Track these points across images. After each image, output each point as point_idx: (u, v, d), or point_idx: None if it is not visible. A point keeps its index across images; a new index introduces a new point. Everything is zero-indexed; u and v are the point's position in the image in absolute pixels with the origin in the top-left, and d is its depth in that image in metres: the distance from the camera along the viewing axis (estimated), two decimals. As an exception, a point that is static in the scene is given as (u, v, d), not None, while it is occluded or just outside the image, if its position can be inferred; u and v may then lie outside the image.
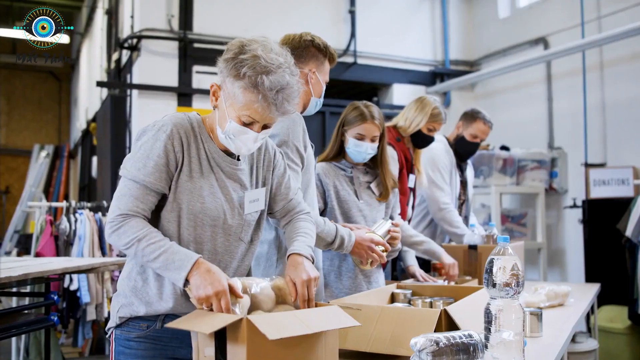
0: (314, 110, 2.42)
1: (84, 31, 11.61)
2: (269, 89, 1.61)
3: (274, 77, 1.62)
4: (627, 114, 5.29)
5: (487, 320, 1.59)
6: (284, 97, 1.64)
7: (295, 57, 2.29)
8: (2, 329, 3.05)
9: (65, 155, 12.35)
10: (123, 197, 1.66)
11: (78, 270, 3.61)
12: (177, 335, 1.70)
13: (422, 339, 1.58)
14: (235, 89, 1.65)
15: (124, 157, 1.73)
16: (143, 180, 1.65)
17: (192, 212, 1.69)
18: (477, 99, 6.90)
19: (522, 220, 5.87)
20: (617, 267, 4.65)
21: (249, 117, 1.66)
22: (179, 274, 1.58)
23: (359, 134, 2.64)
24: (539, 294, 2.91)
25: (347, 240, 2.30)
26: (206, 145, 1.75)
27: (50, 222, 4.96)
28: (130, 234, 1.61)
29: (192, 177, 1.70)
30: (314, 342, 1.56)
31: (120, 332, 1.75)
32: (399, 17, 6.87)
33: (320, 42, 2.42)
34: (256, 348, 1.44)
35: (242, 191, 1.80)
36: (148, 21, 5.71)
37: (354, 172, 2.71)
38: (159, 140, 1.67)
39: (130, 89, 5.96)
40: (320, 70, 2.39)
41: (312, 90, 2.37)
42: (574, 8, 5.63)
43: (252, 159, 1.87)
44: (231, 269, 1.80)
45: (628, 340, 4.53)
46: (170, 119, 1.71)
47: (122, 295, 1.77)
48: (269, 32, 6.73)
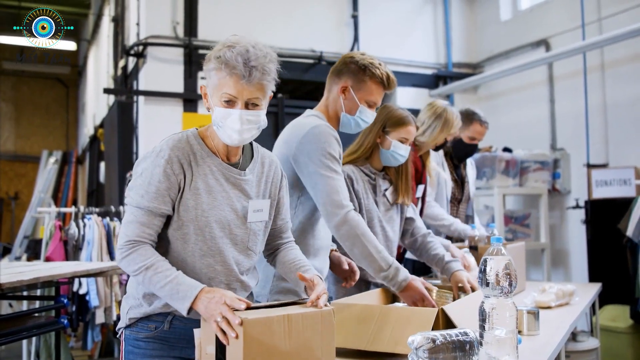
0: (351, 128, 2.39)
1: (91, 38, 11.71)
2: (235, 60, 1.68)
3: (237, 48, 1.70)
4: (628, 114, 5.32)
5: (481, 318, 1.65)
6: (253, 66, 1.69)
7: (335, 72, 2.38)
8: (13, 332, 3.12)
9: (74, 161, 12.46)
10: (130, 224, 1.73)
11: (87, 274, 3.68)
12: (184, 336, 1.77)
13: (419, 337, 1.63)
14: (211, 76, 1.74)
15: (131, 162, 1.80)
16: (147, 207, 1.71)
17: (198, 227, 1.75)
18: (480, 101, 6.94)
19: (526, 221, 5.90)
20: (620, 267, 4.67)
21: (226, 95, 1.72)
22: (182, 304, 1.64)
23: (404, 138, 2.58)
24: (548, 293, 2.91)
25: (402, 276, 2.21)
26: (207, 159, 1.79)
27: (59, 227, 5.02)
28: (139, 261, 1.68)
29: (195, 194, 1.75)
30: (310, 342, 1.60)
31: (130, 333, 1.82)
32: (401, 20, 6.92)
33: (362, 60, 2.35)
34: (253, 347, 1.50)
35: (246, 201, 1.84)
36: (153, 28, 5.78)
37: (377, 180, 2.64)
38: (158, 166, 1.73)
39: (137, 95, 6.03)
40: (358, 88, 2.34)
41: (342, 104, 2.35)
42: (574, 10, 5.66)
43: (262, 172, 1.91)
44: (243, 281, 1.85)
45: (630, 339, 4.55)
46: (167, 144, 1.76)
47: (131, 297, 1.84)
48: (273, 37, 6.78)
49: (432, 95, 6.86)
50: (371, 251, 2.20)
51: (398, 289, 2.22)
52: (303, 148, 2.22)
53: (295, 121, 2.42)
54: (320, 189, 2.19)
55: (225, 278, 1.81)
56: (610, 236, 4.80)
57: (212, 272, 1.78)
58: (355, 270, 2.42)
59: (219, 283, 1.79)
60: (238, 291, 1.84)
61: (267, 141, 4.87)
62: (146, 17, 5.88)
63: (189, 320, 1.71)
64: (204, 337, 1.60)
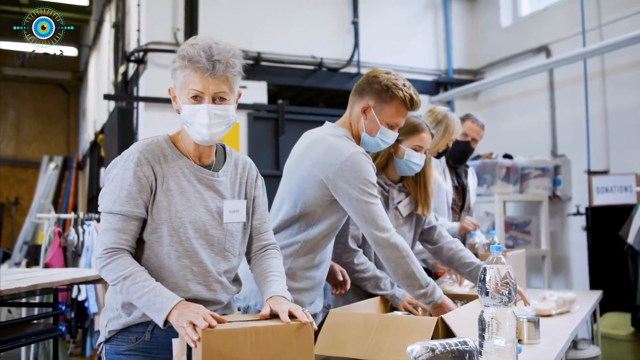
0: (371, 148, 2.35)
1: (92, 44, 11.73)
2: (198, 55, 1.69)
3: (199, 45, 1.71)
4: (629, 121, 5.32)
5: (481, 327, 1.64)
6: (216, 60, 1.69)
7: (357, 90, 2.33)
8: (11, 339, 3.11)
9: (74, 167, 12.45)
10: (106, 232, 1.71)
11: (86, 281, 3.68)
12: (167, 346, 1.71)
13: (418, 347, 1.63)
14: (176, 76, 1.76)
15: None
16: (120, 211, 1.69)
17: (173, 228, 1.73)
18: (480, 108, 6.94)
19: (526, 228, 5.89)
20: (621, 274, 4.66)
21: (193, 91, 1.72)
22: (158, 315, 1.62)
23: (418, 146, 2.54)
24: (549, 301, 2.89)
25: (438, 294, 2.26)
26: (179, 161, 1.78)
27: (58, 233, 5.03)
28: (117, 271, 1.66)
29: (167, 195, 1.74)
30: (280, 356, 1.55)
31: (110, 347, 1.78)
32: (402, 27, 6.92)
33: (385, 81, 2.27)
34: (213, 358, 1.47)
35: (221, 202, 1.82)
36: (154, 35, 5.79)
37: (391, 192, 2.61)
38: (128, 170, 1.72)
39: (137, 101, 6.03)
40: (380, 109, 2.28)
41: (363, 125, 2.30)
42: (575, 16, 5.67)
43: (236, 174, 1.90)
44: (223, 282, 1.82)
45: (631, 347, 4.53)
46: (135, 147, 1.76)
47: (109, 309, 1.80)
48: (273, 44, 6.78)
49: (433, 101, 6.86)
50: (414, 271, 2.23)
51: (433, 307, 2.27)
52: (343, 175, 2.17)
53: (323, 137, 2.32)
54: (365, 215, 2.19)
55: (203, 279, 1.77)
56: (611, 243, 4.79)
57: (189, 273, 1.75)
58: (347, 279, 2.47)
59: (196, 284, 1.76)
60: (219, 293, 1.80)
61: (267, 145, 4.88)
62: (147, 23, 5.88)
63: (170, 329, 1.65)
64: (182, 347, 1.59)
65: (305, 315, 1.62)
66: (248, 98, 5.83)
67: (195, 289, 1.76)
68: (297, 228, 2.27)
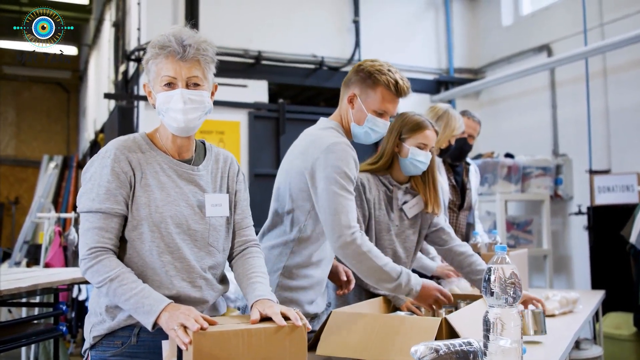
0: (361, 139, 2.29)
1: (92, 43, 11.73)
2: (168, 41, 1.69)
3: (169, 32, 1.72)
4: (630, 120, 5.31)
5: (485, 328, 1.62)
6: (187, 44, 1.69)
7: (345, 82, 2.31)
8: (12, 339, 3.10)
9: (74, 166, 12.42)
10: (87, 231, 1.67)
11: (86, 281, 3.65)
12: (154, 349, 1.66)
13: (422, 347, 1.61)
14: (149, 68, 1.74)
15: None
16: (99, 209, 1.66)
17: (154, 224, 1.69)
18: (482, 107, 6.93)
19: (528, 227, 5.88)
20: (623, 274, 4.65)
21: (166, 78, 1.71)
22: (147, 318, 1.58)
23: (422, 143, 2.49)
24: (552, 301, 2.88)
25: (414, 280, 2.14)
26: (157, 157, 1.76)
27: (59, 233, 5.01)
28: (103, 272, 1.63)
29: (147, 191, 1.71)
30: (273, 359, 1.53)
31: (95, 353, 1.72)
32: (403, 25, 6.91)
33: (369, 67, 2.22)
34: (203, 358, 1.46)
35: (202, 195, 1.79)
36: (154, 33, 5.70)
37: (395, 192, 2.54)
38: (105, 167, 1.69)
39: (137, 100, 6.02)
40: (365, 97, 2.22)
41: (351, 115, 2.26)
42: (576, 15, 5.66)
43: (217, 168, 1.88)
44: (208, 278, 1.78)
45: (633, 347, 4.52)
46: (112, 144, 1.74)
47: (93, 314, 1.75)
48: (274, 43, 6.76)
49: (434, 100, 6.85)
50: (379, 264, 2.10)
51: (414, 295, 2.16)
52: (320, 163, 2.12)
53: (312, 132, 2.30)
54: (329, 206, 2.09)
55: (187, 275, 1.73)
56: (613, 243, 4.78)
57: (172, 269, 1.71)
58: (351, 280, 2.40)
59: (181, 281, 1.72)
60: (204, 289, 1.77)
61: (267, 144, 4.86)
62: (147, 22, 5.87)
63: (157, 331, 1.59)
64: (172, 349, 1.55)
65: (298, 317, 1.59)
66: (249, 97, 5.82)
67: (179, 285, 1.71)
68: (289, 224, 2.24)
